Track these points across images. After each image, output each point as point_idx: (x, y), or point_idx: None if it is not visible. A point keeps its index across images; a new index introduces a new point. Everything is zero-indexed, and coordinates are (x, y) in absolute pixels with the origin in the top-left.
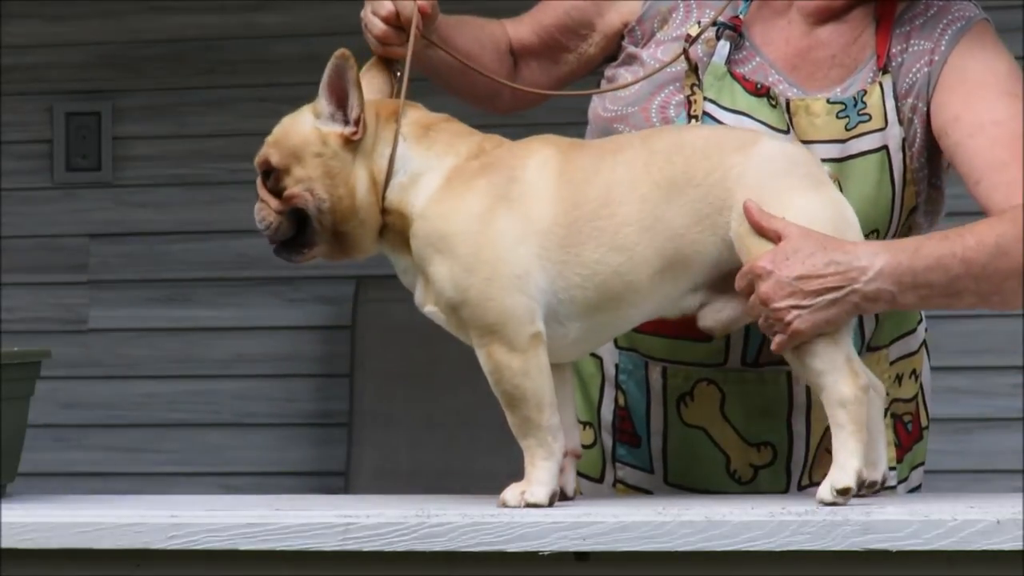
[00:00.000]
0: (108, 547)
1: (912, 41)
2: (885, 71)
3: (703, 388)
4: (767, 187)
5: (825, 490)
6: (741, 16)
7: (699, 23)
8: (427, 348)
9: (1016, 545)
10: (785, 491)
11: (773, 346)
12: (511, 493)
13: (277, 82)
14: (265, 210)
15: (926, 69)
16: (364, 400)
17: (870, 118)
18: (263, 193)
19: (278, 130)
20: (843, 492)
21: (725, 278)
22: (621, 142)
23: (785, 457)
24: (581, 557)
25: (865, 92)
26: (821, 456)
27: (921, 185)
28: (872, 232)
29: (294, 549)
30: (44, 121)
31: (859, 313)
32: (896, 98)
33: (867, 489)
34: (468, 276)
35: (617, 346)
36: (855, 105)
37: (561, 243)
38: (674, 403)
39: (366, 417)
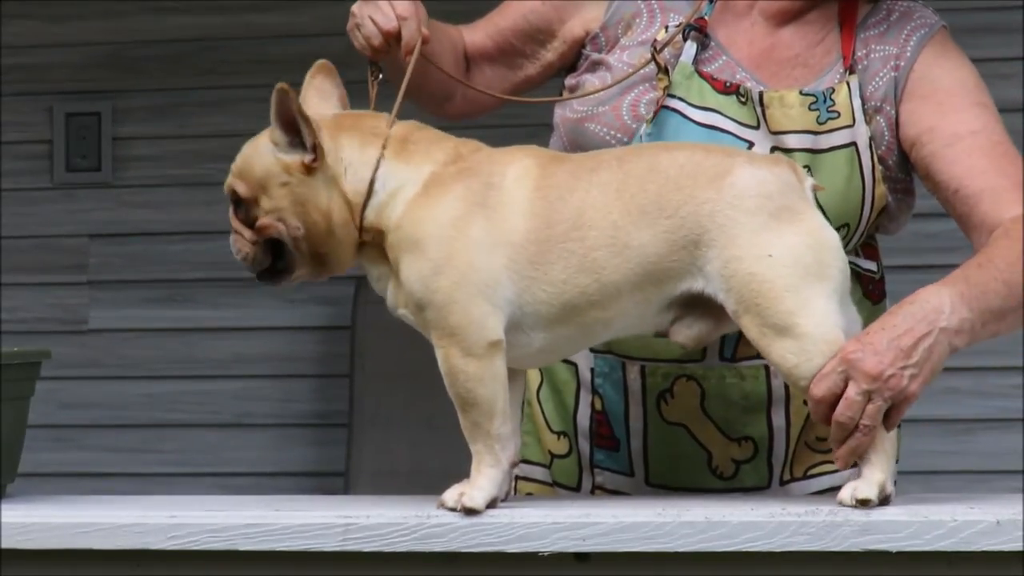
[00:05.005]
0: (108, 547)
1: (877, 46)
2: (851, 72)
3: (683, 385)
4: (741, 225)
5: (847, 495)
6: (706, 17)
7: (666, 28)
8: (427, 349)
9: (1016, 546)
10: (767, 486)
11: (887, 425)
12: (451, 494)
13: (277, 82)
14: (240, 241)
15: (892, 74)
16: (364, 400)
17: (839, 115)
18: (236, 223)
19: (240, 160)
20: (863, 503)
21: (697, 297)
22: (599, 160)
23: (766, 451)
24: (581, 558)
25: (833, 90)
26: (801, 450)
27: (895, 185)
28: (843, 226)
29: (294, 549)
30: (44, 121)
31: (953, 352)
32: (863, 99)
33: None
34: (436, 278)
35: (592, 350)
36: (824, 101)
37: (531, 259)
38: (654, 402)
39: (366, 417)
